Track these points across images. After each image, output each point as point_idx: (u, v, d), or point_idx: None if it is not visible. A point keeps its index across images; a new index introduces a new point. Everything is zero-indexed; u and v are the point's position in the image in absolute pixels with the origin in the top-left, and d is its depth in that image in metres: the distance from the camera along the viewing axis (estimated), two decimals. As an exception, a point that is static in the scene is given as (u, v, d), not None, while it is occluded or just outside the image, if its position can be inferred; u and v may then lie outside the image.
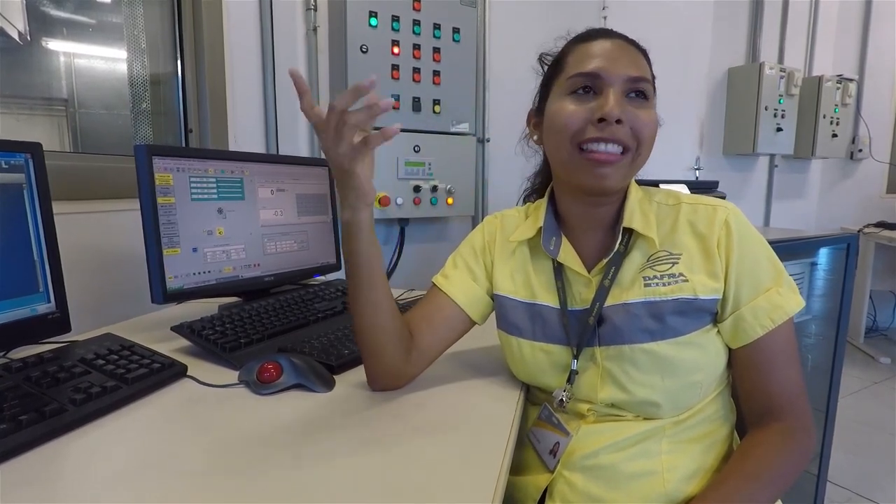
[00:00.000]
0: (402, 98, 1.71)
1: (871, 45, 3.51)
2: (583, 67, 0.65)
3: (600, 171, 0.63)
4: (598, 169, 0.63)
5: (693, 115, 2.72)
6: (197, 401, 0.70)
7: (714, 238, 0.65)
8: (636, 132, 0.64)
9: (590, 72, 0.64)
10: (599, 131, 0.63)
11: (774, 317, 0.64)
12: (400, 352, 0.71)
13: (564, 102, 0.66)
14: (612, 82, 0.63)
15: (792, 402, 0.66)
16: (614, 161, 0.63)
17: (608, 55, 0.65)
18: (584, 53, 0.66)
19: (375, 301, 0.68)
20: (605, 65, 0.64)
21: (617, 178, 0.65)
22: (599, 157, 0.63)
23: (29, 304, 0.79)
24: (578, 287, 0.70)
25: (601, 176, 0.64)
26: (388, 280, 0.77)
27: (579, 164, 0.65)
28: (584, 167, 0.64)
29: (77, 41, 1.39)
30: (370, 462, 0.55)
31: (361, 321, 0.69)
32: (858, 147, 3.56)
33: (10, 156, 0.77)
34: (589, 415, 0.70)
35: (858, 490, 1.87)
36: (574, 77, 0.65)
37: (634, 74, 0.64)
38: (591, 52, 0.66)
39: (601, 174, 0.64)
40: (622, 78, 0.64)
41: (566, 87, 0.66)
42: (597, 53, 0.65)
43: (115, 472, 0.53)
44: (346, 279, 0.69)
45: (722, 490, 0.62)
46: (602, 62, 0.64)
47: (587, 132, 0.63)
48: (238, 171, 1.04)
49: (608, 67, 0.64)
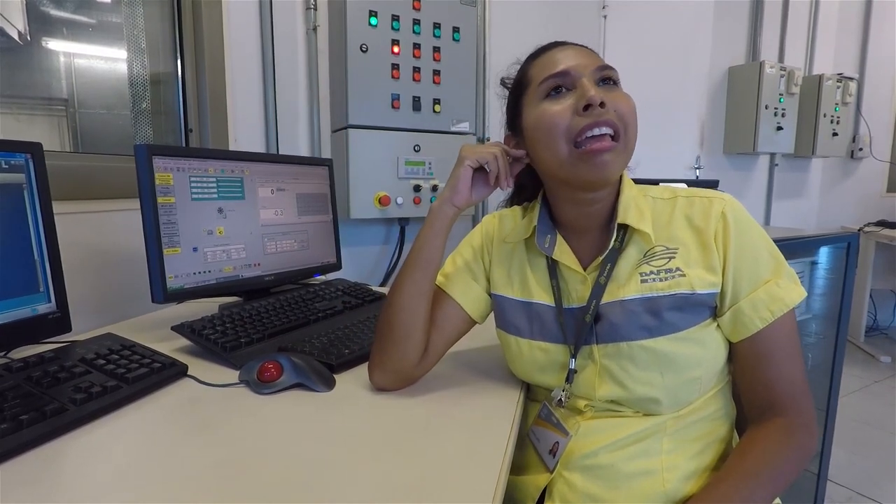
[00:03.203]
0: (402, 97, 1.71)
1: (871, 44, 3.50)
2: (550, 70, 0.66)
3: (601, 159, 0.63)
4: (598, 158, 0.63)
5: (693, 114, 2.72)
6: (197, 400, 0.70)
7: (711, 230, 0.65)
8: (620, 114, 0.64)
9: (559, 71, 0.65)
10: (590, 118, 0.63)
11: (774, 309, 0.64)
12: (417, 350, 0.72)
13: (543, 106, 0.66)
14: (582, 74, 0.65)
15: (793, 397, 0.65)
16: (609, 147, 0.63)
17: (570, 55, 0.67)
18: (547, 60, 0.68)
19: (421, 286, 0.72)
20: (571, 62, 0.65)
21: (616, 165, 0.65)
22: (595, 146, 0.63)
23: (29, 303, 0.79)
24: (574, 285, 0.70)
25: (602, 164, 0.63)
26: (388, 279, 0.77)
27: (579, 159, 0.64)
28: (583, 161, 0.64)
29: (77, 41, 1.40)
30: (370, 461, 0.55)
31: (401, 299, 0.72)
32: (859, 146, 3.56)
33: (10, 156, 0.78)
34: (587, 410, 0.70)
35: (859, 489, 1.87)
36: (544, 82, 0.66)
37: (600, 64, 0.66)
38: (552, 58, 0.67)
39: (602, 162, 0.63)
40: (590, 68, 0.65)
41: (539, 93, 0.67)
42: (559, 57, 0.67)
43: (115, 471, 0.53)
44: (403, 264, 0.75)
45: (721, 489, 0.62)
46: (567, 61, 0.66)
47: (578, 123, 0.63)
48: (238, 171, 1.05)
49: (574, 64, 0.65)
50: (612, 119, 0.63)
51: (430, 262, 0.72)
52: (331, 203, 1.27)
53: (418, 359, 0.73)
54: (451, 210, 0.72)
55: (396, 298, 0.72)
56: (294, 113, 1.71)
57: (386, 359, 0.72)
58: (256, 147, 1.63)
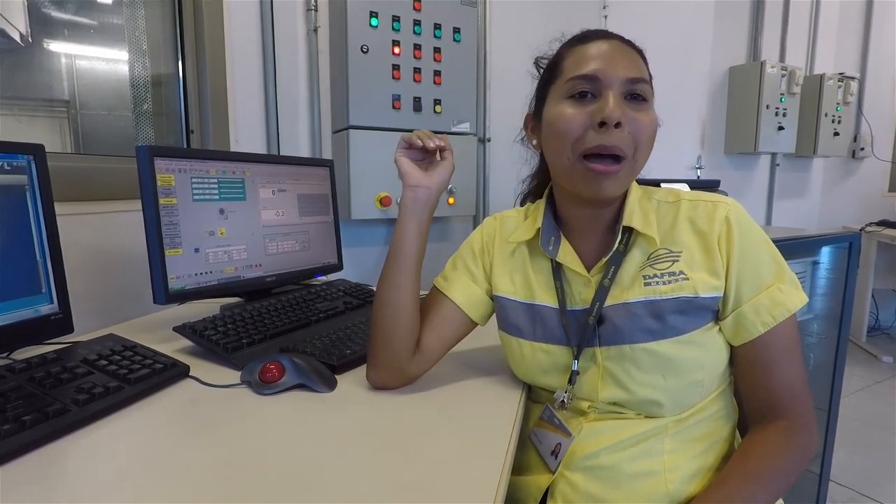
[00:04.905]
0: (402, 98, 1.71)
1: (872, 43, 3.50)
2: (580, 70, 0.64)
3: (600, 183, 0.64)
4: (599, 182, 0.64)
5: (694, 114, 2.72)
6: (199, 401, 0.70)
7: (714, 235, 0.65)
8: (635, 136, 0.64)
9: (587, 74, 0.64)
10: (600, 136, 0.63)
11: (776, 313, 0.64)
12: (408, 347, 0.72)
13: (563, 106, 0.66)
14: (611, 84, 0.63)
15: (794, 399, 0.66)
16: (613, 172, 0.64)
17: (605, 57, 0.64)
18: (581, 56, 0.66)
19: (395, 280, 0.72)
20: (603, 66, 0.64)
21: (616, 188, 0.65)
22: (599, 167, 0.63)
23: (32, 305, 0.79)
24: (578, 287, 0.70)
25: (600, 187, 0.64)
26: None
27: (580, 173, 0.65)
28: (584, 177, 0.65)
29: (78, 42, 1.40)
30: (372, 462, 0.55)
31: (381, 295, 0.73)
32: (860, 145, 3.55)
33: (12, 157, 0.78)
34: (590, 412, 0.70)
35: (860, 489, 1.87)
36: (572, 80, 0.65)
37: (632, 76, 0.64)
38: (587, 54, 0.65)
39: (601, 186, 0.64)
40: (620, 79, 0.63)
41: (564, 90, 0.66)
42: (594, 55, 0.65)
43: (117, 472, 0.53)
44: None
45: (723, 490, 0.62)
46: (599, 64, 0.64)
47: (588, 139, 0.63)
48: (239, 172, 1.05)
49: (606, 69, 0.63)
50: (622, 143, 0.63)
51: (404, 255, 0.72)
52: (332, 204, 1.27)
53: (409, 355, 0.72)
54: (408, 194, 0.73)
55: (377, 295, 0.74)
56: (295, 114, 1.71)
57: (376, 356, 0.73)
58: (257, 148, 1.63)
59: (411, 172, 0.73)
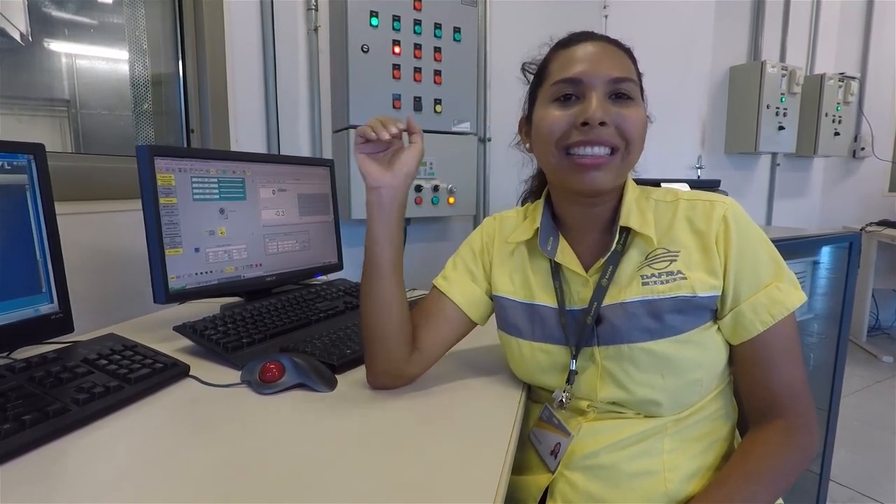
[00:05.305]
0: (403, 98, 1.71)
1: (873, 43, 3.50)
2: (564, 73, 0.65)
3: (589, 175, 0.64)
4: (588, 173, 0.64)
5: (694, 113, 2.71)
6: (199, 400, 0.70)
7: (712, 234, 0.65)
8: (622, 132, 0.64)
9: (571, 77, 0.65)
10: (583, 135, 0.63)
11: (774, 312, 0.64)
12: (402, 348, 0.72)
13: (549, 109, 0.66)
14: (594, 86, 0.64)
15: (793, 398, 0.66)
16: (603, 163, 0.64)
17: (589, 59, 0.65)
18: (567, 59, 0.67)
19: (374, 285, 0.71)
20: (586, 68, 0.64)
21: (608, 179, 0.65)
22: (586, 161, 0.64)
23: (32, 304, 0.79)
24: (576, 287, 0.70)
25: (591, 179, 0.64)
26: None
27: (568, 167, 0.65)
28: (573, 171, 0.65)
29: (79, 42, 1.40)
30: (372, 461, 0.55)
31: (365, 303, 0.72)
32: (861, 145, 3.55)
33: (12, 157, 0.78)
34: (589, 411, 0.70)
35: (860, 489, 1.87)
36: (556, 84, 0.66)
37: (616, 75, 0.64)
38: (573, 57, 0.66)
39: (591, 178, 0.64)
40: (604, 80, 0.64)
41: (550, 94, 0.67)
42: (579, 58, 0.66)
43: (117, 471, 0.53)
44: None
45: (723, 490, 0.62)
46: (583, 66, 0.64)
47: (571, 136, 0.64)
48: (240, 172, 1.05)
49: (589, 71, 0.64)
50: (609, 137, 0.63)
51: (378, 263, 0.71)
52: (332, 203, 1.27)
53: (406, 357, 0.72)
54: (371, 197, 0.71)
55: (362, 307, 0.73)
56: (295, 113, 1.71)
57: (374, 365, 0.73)
58: (258, 147, 1.63)
59: (370, 172, 0.70)
